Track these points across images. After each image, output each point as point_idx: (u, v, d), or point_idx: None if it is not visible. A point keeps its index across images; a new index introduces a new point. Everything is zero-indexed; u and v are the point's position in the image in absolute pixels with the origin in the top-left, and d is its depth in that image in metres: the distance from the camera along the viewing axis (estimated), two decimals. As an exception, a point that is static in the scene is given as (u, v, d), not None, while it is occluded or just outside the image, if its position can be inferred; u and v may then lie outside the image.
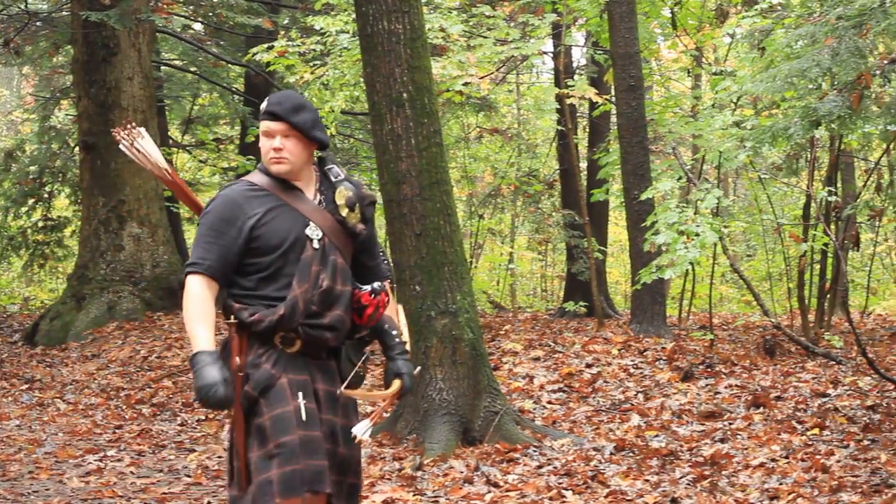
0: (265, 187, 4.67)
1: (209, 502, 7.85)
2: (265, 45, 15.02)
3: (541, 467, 8.26)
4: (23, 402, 12.07)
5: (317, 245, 4.63)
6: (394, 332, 4.85)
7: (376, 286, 4.75)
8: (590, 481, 7.82)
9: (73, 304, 16.01)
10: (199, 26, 22.10)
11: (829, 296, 14.23)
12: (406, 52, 9.01)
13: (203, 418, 10.85)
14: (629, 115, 13.54)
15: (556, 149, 21.34)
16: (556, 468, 8.20)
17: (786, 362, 11.79)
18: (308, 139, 4.65)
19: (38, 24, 18.42)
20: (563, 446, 8.75)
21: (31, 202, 20.03)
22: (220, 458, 9.27)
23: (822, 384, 10.58)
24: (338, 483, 4.64)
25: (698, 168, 15.72)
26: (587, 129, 21.06)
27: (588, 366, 11.49)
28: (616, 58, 13.75)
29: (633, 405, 10.07)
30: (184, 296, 4.61)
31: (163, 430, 10.54)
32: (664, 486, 7.64)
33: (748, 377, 11.00)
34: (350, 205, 4.72)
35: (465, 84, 13.84)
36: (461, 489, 7.78)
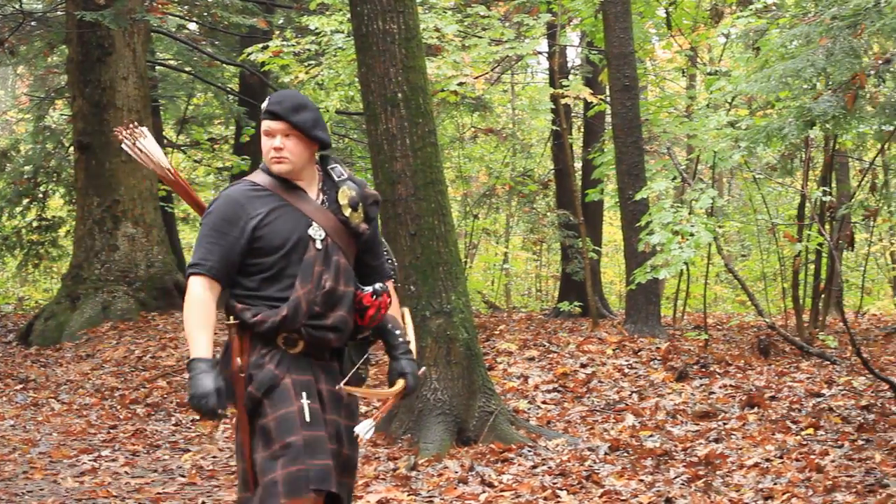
0: (267, 187, 4.65)
1: (203, 502, 7.85)
2: (260, 45, 15.01)
3: (535, 467, 8.26)
4: (17, 402, 12.06)
5: (319, 245, 4.62)
6: (397, 331, 4.84)
7: (378, 287, 4.73)
8: (584, 481, 7.82)
9: (67, 304, 15.98)
10: (193, 26, 22.08)
11: (823, 296, 14.23)
12: (401, 51, 9.01)
13: (198, 418, 10.84)
14: (624, 115, 13.55)
15: (550, 149, 21.32)
16: (550, 468, 8.20)
17: (780, 362, 11.79)
18: (309, 139, 4.63)
19: (32, 23, 18.40)
20: (557, 446, 8.75)
21: (25, 202, 19.97)
22: (214, 458, 9.26)
23: (817, 384, 10.59)
24: (339, 484, 4.64)
25: (693, 168, 15.72)
26: (582, 130, 21.06)
27: (583, 366, 11.49)
28: (611, 58, 13.76)
29: (627, 405, 10.07)
30: (185, 298, 4.60)
31: (157, 430, 10.54)
32: (658, 486, 7.64)
33: (743, 377, 11.00)
34: (353, 204, 4.70)
35: (460, 84, 13.84)
36: (456, 489, 7.78)
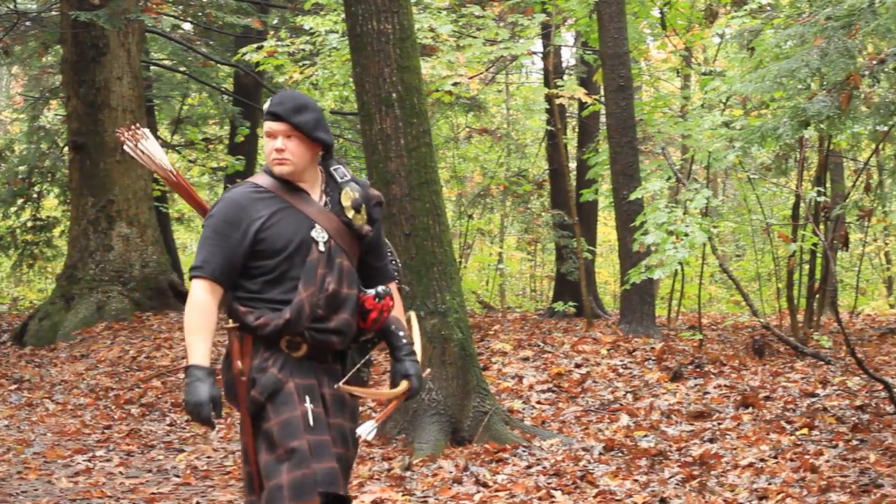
0: (270, 189, 4.62)
1: (198, 502, 7.85)
2: (254, 45, 15.02)
3: (530, 467, 8.26)
4: (11, 403, 12.04)
5: (322, 248, 4.59)
6: (401, 332, 4.81)
7: (381, 290, 4.70)
8: (579, 481, 7.82)
9: (62, 304, 15.97)
10: (188, 26, 22.08)
11: (817, 296, 14.24)
12: (395, 52, 9.01)
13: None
14: (618, 115, 13.55)
15: (545, 149, 21.35)
16: (545, 468, 8.20)
17: (775, 362, 11.80)
18: (311, 140, 4.60)
19: (27, 23, 18.38)
20: (552, 446, 8.75)
21: (20, 202, 19.95)
22: (209, 458, 9.26)
23: (811, 384, 10.59)
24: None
25: (687, 168, 15.74)
26: (576, 130, 21.06)
27: (577, 366, 11.49)
28: (605, 58, 13.76)
29: (622, 405, 10.07)
30: (187, 301, 4.58)
31: (152, 431, 10.53)
32: (653, 486, 7.64)
33: (737, 377, 11.00)
34: (356, 206, 4.67)
35: (455, 84, 13.85)
36: (450, 489, 7.78)
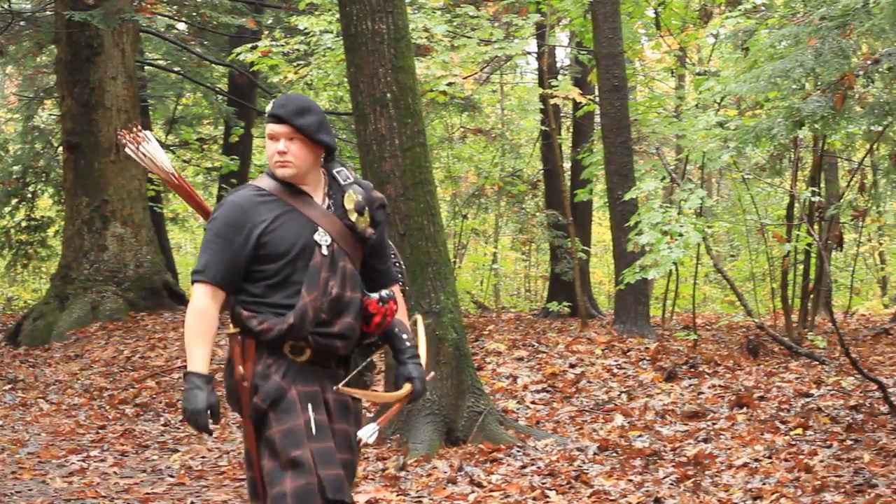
0: (273, 192, 4.59)
1: (192, 502, 7.85)
2: (249, 45, 15.00)
3: (524, 467, 8.26)
4: (6, 403, 12.03)
5: (325, 251, 4.56)
6: (404, 335, 4.79)
7: (384, 294, 4.68)
8: (573, 481, 7.82)
9: (56, 304, 15.95)
10: (182, 26, 22.06)
11: (812, 296, 14.25)
12: (390, 52, 9.01)
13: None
14: (613, 115, 13.55)
15: (539, 149, 21.33)
16: (539, 468, 8.20)
17: (769, 362, 11.80)
18: (313, 142, 4.56)
19: (21, 23, 18.36)
20: (546, 446, 8.75)
21: (14, 202, 19.93)
22: (203, 458, 9.25)
23: (806, 384, 10.60)
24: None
25: (682, 168, 15.73)
26: (571, 130, 21.07)
27: (572, 366, 11.49)
28: (600, 58, 13.76)
29: (616, 405, 10.07)
30: (189, 306, 4.56)
31: (146, 431, 10.52)
32: (647, 486, 7.64)
33: (731, 377, 11.01)
34: (359, 209, 4.64)
35: (449, 84, 13.84)
36: (445, 489, 7.78)
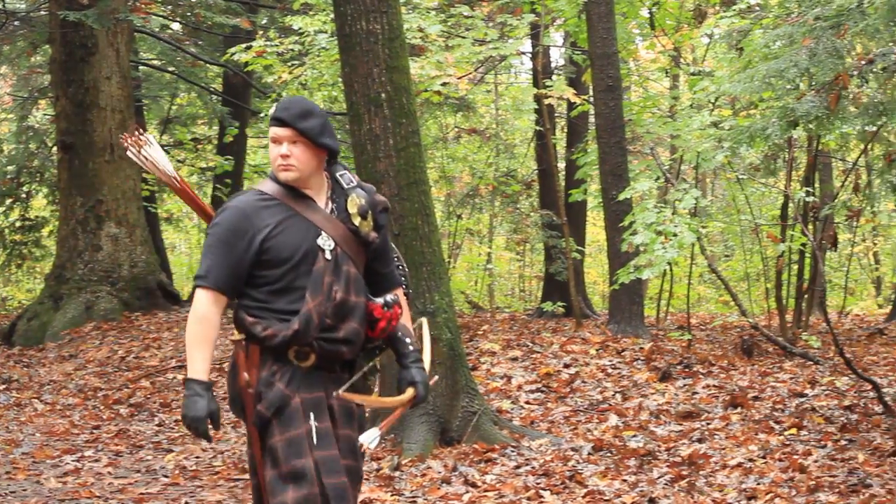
0: (275, 196, 4.56)
1: (187, 503, 7.84)
2: (243, 45, 15.00)
3: (519, 467, 8.26)
4: (0, 403, 12.02)
5: (329, 256, 4.53)
6: (407, 339, 4.75)
7: (389, 299, 4.65)
8: (567, 481, 7.82)
9: (50, 304, 15.94)
10: (177, 26, 22.06)
11: (806, 296, 14.26)
12: (384, 52, 9.00)
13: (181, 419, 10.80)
14: (607, 115, 13.56)
15: (534, 149, 21.35)
16: (533, 468, 8.20)
17: (763, 362, 11.81)
18: (316, 146, 4.53)
19: (15, 23, 18.35)
20: (540, 446, 8.75)
21: (8, 202, 19.92)
22: (197, 458, 9.24)
23: (800, 384, 10.61)
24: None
25: (676, 168, 15.75)
26: (565, 130, 21.07)
27: (566, 366, 11.49)
28: (594, 58, 13.77)
29: (610, 405, 10.07)
30: (190, 311, 4.54)
31: (140, 431, 10.51)
32: (642, 486, 7.65)
33: (726, 377, 11.01)
34: (362, 213, 4.61)
35: (444, 84, 13.84)
36: (439, 489, 7.77)
